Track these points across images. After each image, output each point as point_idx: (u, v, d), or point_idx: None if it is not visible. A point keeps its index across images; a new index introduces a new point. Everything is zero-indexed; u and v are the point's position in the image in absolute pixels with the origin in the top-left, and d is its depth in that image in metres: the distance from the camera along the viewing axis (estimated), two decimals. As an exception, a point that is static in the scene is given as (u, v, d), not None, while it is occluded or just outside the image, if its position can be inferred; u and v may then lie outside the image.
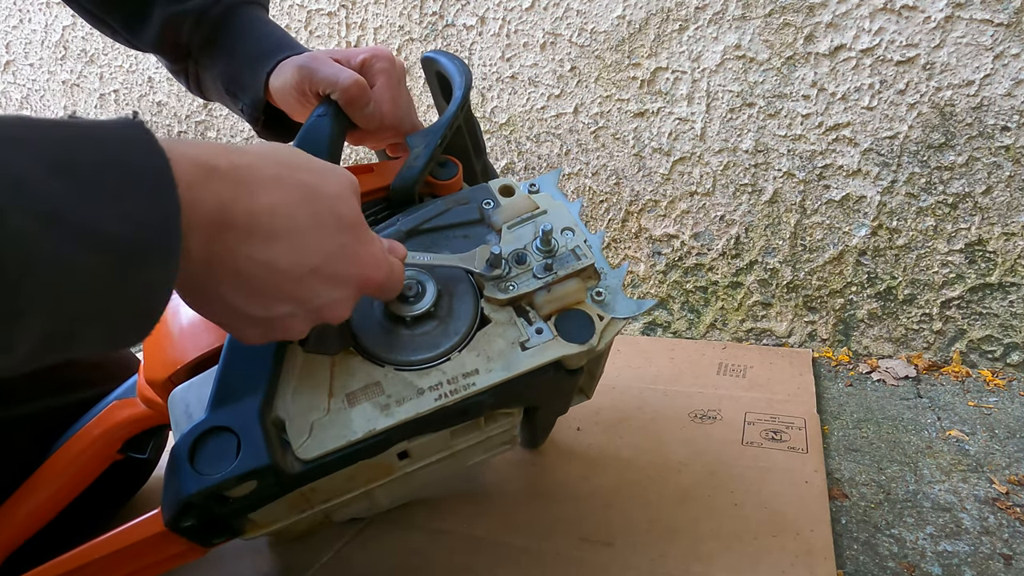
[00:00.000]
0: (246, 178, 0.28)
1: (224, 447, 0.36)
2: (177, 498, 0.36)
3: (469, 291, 0.45)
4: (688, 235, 0.95)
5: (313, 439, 0.39)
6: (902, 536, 0.56)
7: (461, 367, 0.42)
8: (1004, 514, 0.58)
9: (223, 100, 0.57)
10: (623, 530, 0.54)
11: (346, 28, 1.10)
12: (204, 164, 0.27)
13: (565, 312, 0.44)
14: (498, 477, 0.63)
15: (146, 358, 0.46)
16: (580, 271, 0.45)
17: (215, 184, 0.27)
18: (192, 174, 0.26)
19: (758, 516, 0.55)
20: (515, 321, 0.44)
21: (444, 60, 0.54)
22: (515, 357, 0.42)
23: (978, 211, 0.80)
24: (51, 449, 0.53)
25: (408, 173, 0.49)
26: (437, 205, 0.48)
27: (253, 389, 0.38)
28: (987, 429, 0.71)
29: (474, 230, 0.48)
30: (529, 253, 0.46)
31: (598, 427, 0.71)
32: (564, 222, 0.48)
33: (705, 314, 0.97)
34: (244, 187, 0.28)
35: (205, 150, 0.27)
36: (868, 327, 0.89)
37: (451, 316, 0.44)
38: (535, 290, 0.44)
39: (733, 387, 0.80)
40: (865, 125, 0.82)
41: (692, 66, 0.88)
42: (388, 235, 0.46)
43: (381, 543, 0.55)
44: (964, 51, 0.76)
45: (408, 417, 0.40)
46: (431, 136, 0.50)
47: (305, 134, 0.48)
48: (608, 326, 0.45)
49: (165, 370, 0.43)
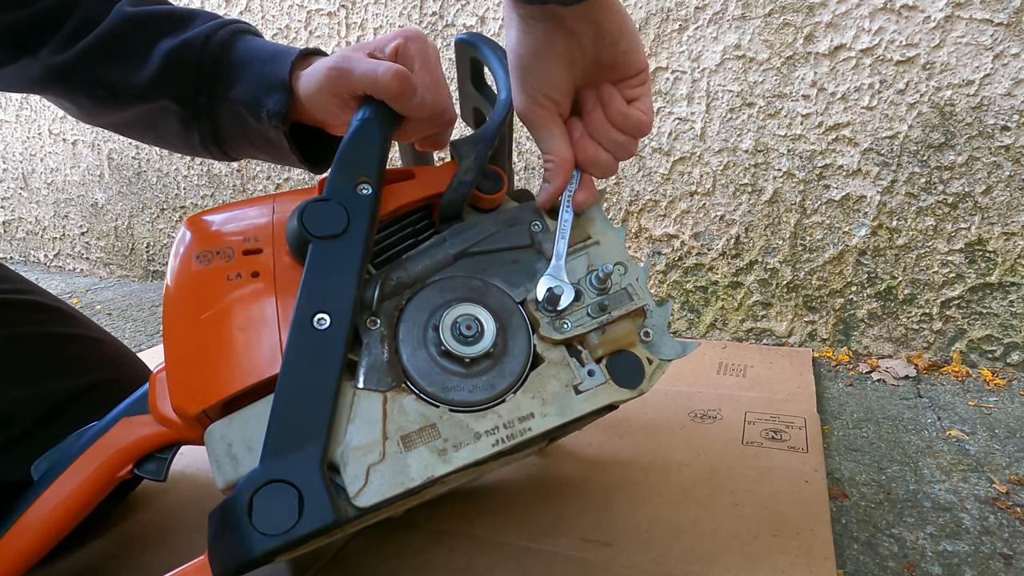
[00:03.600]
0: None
1: (285, 503, 0.34)
2: (238, 558, 0.34)
3: (522, 326, 0.43)
4: (688, 235, 0.95)
5: (370, 486, 0.37)
6: (902, 536, 0.56)
7: (516, 410, 0.41)
8: (1004, 514, 0.58)
9: (244, 128, 0.52)
10: (623, 530, 0.54)
11: (346, 28, 1.10)
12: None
13: (616, 355, 0.44)
14: (498, 477, 0.63)
15: (172, 381, 0.42)
16: (632, 311, 0.45)
17: None
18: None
19: (758, 516, 0.55)
20: (568, 362, 0.43)
21: (487, 51, 0.48)
22: (569, 401, 0.41)
23: (978, 211, 0.80)
24: (57, 457, 0.50)
25: (459, 188, 0.45)
26: (486, 226, 0.46)
27: (312, 436, 0.36)
28: (987, 429, 0.71)
29: (524, 255, 0.46)
30: (583, 289, 0.44)
31: (598, 427, 0.71)
32: (615, 256, 0.46)
33: (705, 314, 0.97)
34: None
35: None
36: (868, 327, 0.89)
37: (506, 354, 0.42)
38: (590, 331, 0.44)
39: (733, 387, 0.80)
40: (865, 125, 0.82)
41: (692, 66, 0.88)
42: (435, 256, 0.44)
43: (382, 543, 0.55)
44: (964, 51, 0.76)
45: (466, 463, 0.39)
46: (481, 145, 0.46)
47: (353, 142, 0.43)
48: (656, 369, 0.44)
49: (199, 402, 0.40)
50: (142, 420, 0.46)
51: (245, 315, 0.41)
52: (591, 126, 0.46)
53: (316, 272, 0.39)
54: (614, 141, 0.46)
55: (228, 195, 1.32)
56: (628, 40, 0.43)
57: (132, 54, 0.51)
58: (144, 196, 1.42)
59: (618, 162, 0.47)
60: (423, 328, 0.42)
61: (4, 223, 1.66)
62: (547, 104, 0.44)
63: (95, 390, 0.58)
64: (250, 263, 0.42)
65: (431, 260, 0.44)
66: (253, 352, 0.40)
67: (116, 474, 0.47)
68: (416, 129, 0.48)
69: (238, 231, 0.43)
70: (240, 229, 0.44)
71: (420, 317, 0.42)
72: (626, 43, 0.43)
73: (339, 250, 0.39)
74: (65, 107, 0.56)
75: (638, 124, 0.45)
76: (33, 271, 1.65)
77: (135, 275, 1.51)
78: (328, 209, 0.40)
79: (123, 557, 0.57)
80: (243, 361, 0.40)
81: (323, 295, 0.38)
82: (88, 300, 1.41)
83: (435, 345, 0.41)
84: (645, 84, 0.45)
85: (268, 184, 1.28)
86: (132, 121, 0.55)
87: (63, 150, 1.47)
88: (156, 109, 0.52)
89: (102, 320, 1.27)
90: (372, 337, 0.40)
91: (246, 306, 0.41)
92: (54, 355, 0.59)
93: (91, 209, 1.50)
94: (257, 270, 0.42)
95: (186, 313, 0.41)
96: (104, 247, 1.53)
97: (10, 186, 1.60)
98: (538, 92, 0.43)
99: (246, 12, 1.18)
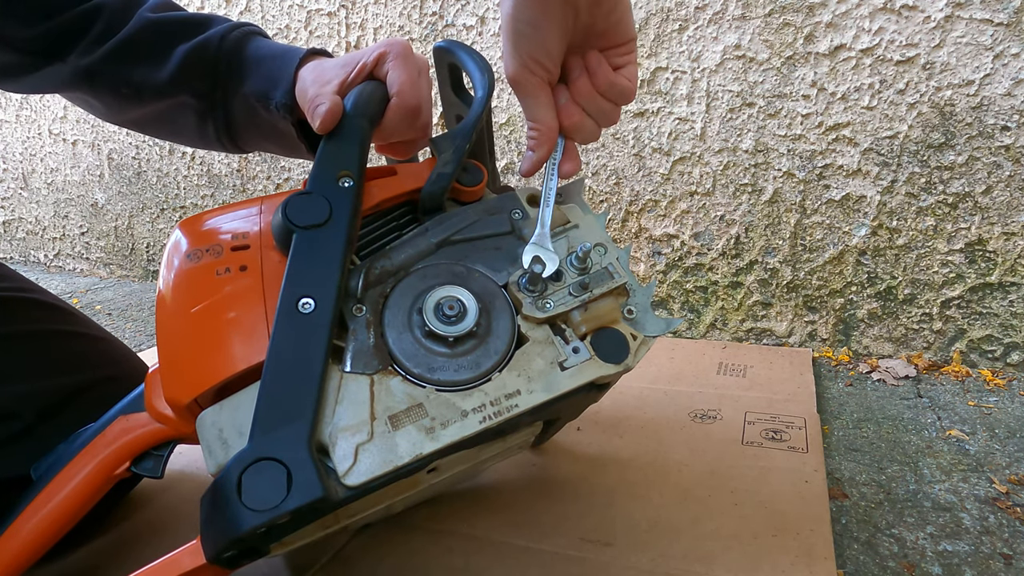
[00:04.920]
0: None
1: (274, 479, 0.34)
2: (228, 536, 0.34)
3: (506, 307, 0.44)
4: (688, 235, 0.95)
5: (359, 465, 0.37)
6: (902, 536, 0.55)
7: (503, 388, 0.41)
8: (1004, 514, 0.57)
9: (255, 119, 0.55)
10: (623, 530, 0.54)
11: (346, 28, 1.10)
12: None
13: (600, 332, 0.44)
14: (498, 477, 0.63)
15: (165, 374, 0.43)
16: (614, 289, 0.45)
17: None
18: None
19: (758, 516, 0.55)
20: (552, 340, 0.44)
21: (462, 54, 0.50)
22: (555, 378, 0.42)
23: (978, 211, 0.80)
24: (56, 457, 0.51)
25: (439, 180, 0.47)
26: (467, 215, 0.47)
27: (299, 415, 0.36)
28: (987, 429, 0.71)
29: (505, 241, 0.47)
30: (564, 270, 0.45)
31: (598, 427, 0.71)
32: (595, 237, 0.47)
33: (705, 314, 0.97)
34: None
35: None
36: (868, 327, 0.89)
37: (490, 334, 0.43)
38: (572, 309, 0.44)
39: (733, 387, 0.80)
40: (865, 125, 0.82)
41: (692, 66, 0.88)
42: (418, 245, 0.45)
43: (381, 543, 0.55)
44: (964, 51, 0.76)
45: (454, 440, 0.39)
46: (459, 139, 0.48)
47: (333, 139, 0.45)
48: (641, 345, 0.45)
49: (190, 391, 0.41)
50: (139, 418, 0.47)
51: (233, 306, 0.42)
52: (577, 93, 0.46)
53: (300, 259, 0.40)
54: (599, 109, 0.47)
55: (228, 195, 1.32)
56: (622, 9, 0.44)
57: (154, 55, 0.54)
58: (144, 196, 1.42)
59: (600, 129, 0.48)
60: (407, 312, 0.43)
61: (4, 223, 1.66)
62: (538, 71, 0.45)
63: (95, 387, 0.59)
64: (238, 258, 0.44)
65: (414, 249, 0.45)
66: (242, 340, 0.41)
67: (114, 472, 0.47)
68: (392, 130, 0.50)
69: (227, 230, 0.45)
70: (229, 228, 0.45)
71: (404, 303, 0.43)
72: (620, 12, 0.44)
73: (322, 238, 0.41)
74: (91, 105, 0.59)
75: (624, 91, 0.46)
76: (33, 271, 1.65)
77: (135, 275, 1.51)
78: (311, 201, 0.42)
79: (123, 555, 0.57)
80: (232, 349, 0.41)
81: (307, 280, 0.40)
82: (88, 300, 1.41)
83: (419, 328, 0.42)
84: (632, 53, 0.46)
85: (268, 184, 1.28)
86: (152, 117, 0.58)
87: (63, 150, 1.47)
88: (175, 104, 0.55)
89: (102, 320, 1.27)
90: (358, 324, 0.42)
91: (234, 298, 0.42)
92: (55, 352, 0.60)
93: (91, 209, 1.50)
94: (245, 264, 0.43)
95: (177, 308, 0.43)
96: (104, 247, 1.53)
97: (10, 186, 1.60)
98: (531, 58, 0.44)
99: (246, 12, 1.18)
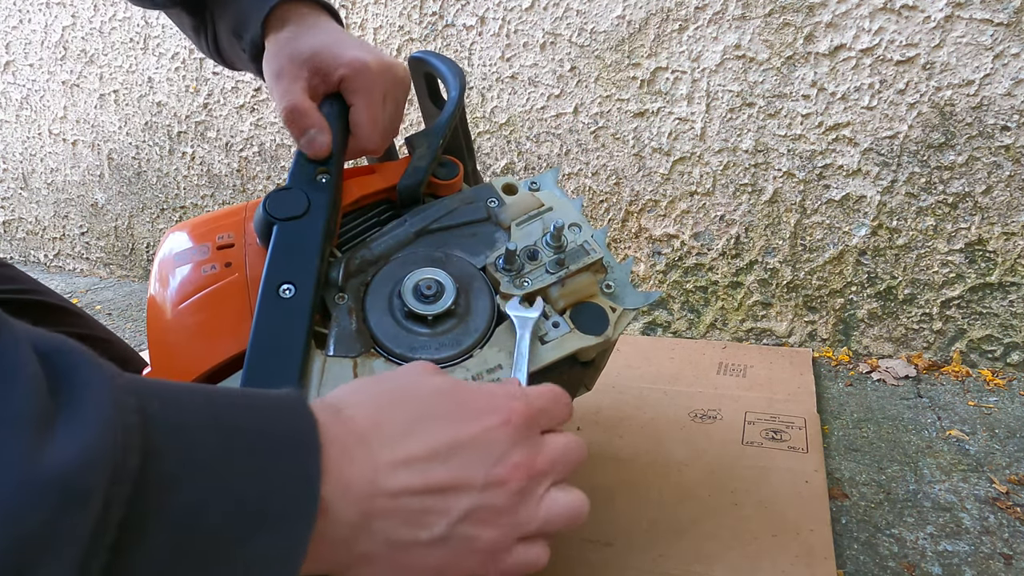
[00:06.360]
0: None
1: None
2: None
3: (484, 288, 0.46)
4: (688, 235, 0.95)
5: None
6: (902, 536, 0.56)
7: (484, 363, 0.42)
8: (1004, 514, 0.58)
9: (234, 51, 0.57)
10: (623, 530, 0.54)
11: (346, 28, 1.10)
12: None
13: (579, 306, 0.46)
14: (498, 477, 0.63)
15: (155, 365, 0.44)
16: (591, 265, 0.47)
17: None
18: None
19: (758, 516, 0.55)
20: None
21: (435, 61, 0.53)
22: (536, 351, 0.43)
23: (978, 211, 0.80)
24: None
25: (414, 173, 0.49)
26: (444, 205, 0.49)
27: None
28: (987, 429, 0.71)
29: (482, 228, 0.48)
30: (540, 249, 0.47)
31: (598, 427, 0.71)
32: (570, 218, 0.49)
33: (705, 314, 0.97)
34: None
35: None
36: (868, 327, 0.89)
37: (469, 313, 0.44)
38: (549, 285, 0.45)
39: (733, 387, 0.80)
40: (865, 125, 0.82)
41: (692, 66, 0.88)
42: (397, 235, 0.47)
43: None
44: (964, 51, 0.76)
45: None
46: (433, 136, 0.50)
47: None
48: (621, 317, 0.46)
49: (179, 380, 0.42)
50: None
51: (219, 299, 0.44)
52: None
53: (280, 248, 0.42)
54: None
55: (228, 195, 1.32)
56: None
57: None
58: (144, 196, 1.42)
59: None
60: (388, 296, 0.44)
61: (4, 223, 1.66)
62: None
63: None
64: (224, 255, 0.46)
65: (393, 239, 0.47)
66: (228, 331, 0.43)
67: None
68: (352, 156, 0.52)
69: (213, 232, 0.48)
70: (214, 230, 0.48)
71: (384, 288, 0.45)
72: None
73: (301, 229, 0.43)
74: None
75: None
76: (33, 271, 1.65)
77: (135, 275, 1.50)
78: (290, 195, 0.44)
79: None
80: (218, 339, 0.43)
81: (287, 267, 0.42)
82: (88, 300, 1.41)
83: (400, 309, 0.44)
84: None
85: (268, 184, 1.28)
86: (173, 17, 0.61)
87: (63, 150, 1.47)
88: (179, 14, 0.58)
89: (102, 320, 1.27)
90: (340, 311, 0.43)
91: (220, 292, 0.44)
92: None
93: (91, 209, 1.50)
94: (230, 261, 0.46)
95: (165, 306, 0.45)
96: (104, 247, 1.53)
97: (10, 186, 1.60)
98: None
99: (246, 12, 1.18)
